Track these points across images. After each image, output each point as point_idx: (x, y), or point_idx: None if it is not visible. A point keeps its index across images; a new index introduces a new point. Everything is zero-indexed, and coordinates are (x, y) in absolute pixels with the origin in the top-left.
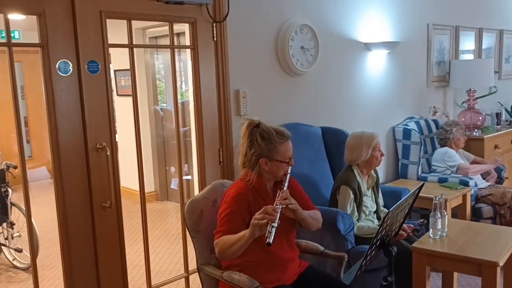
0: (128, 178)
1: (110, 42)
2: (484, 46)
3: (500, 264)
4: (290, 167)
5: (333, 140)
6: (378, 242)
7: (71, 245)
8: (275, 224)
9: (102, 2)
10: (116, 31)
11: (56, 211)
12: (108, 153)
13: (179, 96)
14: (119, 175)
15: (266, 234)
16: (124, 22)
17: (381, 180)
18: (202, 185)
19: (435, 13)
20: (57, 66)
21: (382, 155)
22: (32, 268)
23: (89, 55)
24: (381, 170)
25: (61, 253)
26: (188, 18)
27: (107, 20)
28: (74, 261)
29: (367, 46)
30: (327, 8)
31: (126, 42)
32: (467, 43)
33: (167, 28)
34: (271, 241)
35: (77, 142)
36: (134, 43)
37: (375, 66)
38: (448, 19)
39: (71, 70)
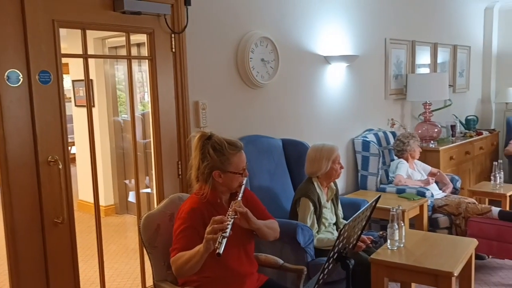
0: (88, 192)
1: (71, 52)
2: (439, 61)
3: (455, 274)
4: (245, 178)
5: (294, 152)
6: (336, 255)
7: (20, 263)
8: (226, 234)
9: (55, 10)
10: (76, 41)
11: (4, 228)
12: (61, 167)
13: (141, 107)
14: (71, 189)
15: (216, 245)
16: (91, 31)
17: (341, 191)
18: (160, 199)
19: (392, 28)
20: (5, 76)
21: (341, 167)
22: None
23: (40, 65)
24: (342, 181)
25: (9, 272)
26: (145, 28)
27: (66, 29)
28: (23, 280)
29: (327, 59)
30: (287, 21)
31: (91, 51)
32: (423, 57)
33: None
34: (221, 252)
35: (27, 155)
36: (93, 53)
37: (335, 79)
38: (405, 34)
39: (21, 81)
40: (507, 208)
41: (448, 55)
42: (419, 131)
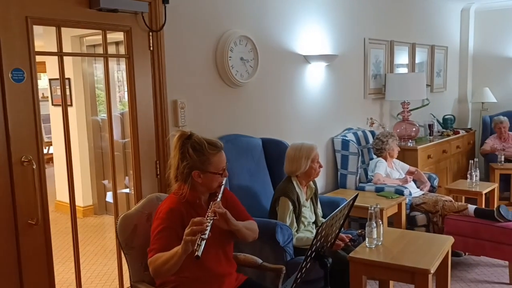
0: (65, 192)
1: (48, 49)
2: (417, 61)
3: (432, 272)
4: (224, 178)
5: (273, 152)
6: (313, 254)
7: None
8: (205, 236)
9: (28, 7)
10: (53, 38)
11: None
12: (34, 167)
13: (120, 106)
14: (46, 190)
15: (195, 247)
16: (64, 29)
17: (321, 190)
18: (138, 199)
19: (371, 28)
20: None
21: (320, 166)
22: None
23: (13, 63)
24: (321, 180)
25: None
26: (122, 26)
27: (43, 27)
28: None
29: (306, 59)
30: (267, 20)
31: (69, 49)
32: (401, 57)
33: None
34: (200, 254)
35: None
36: (71, 51)
37: (314, 78)
38: (384, 34)
39: None
40: (483, 206)
41: (425, 55)
42: (398, 130)
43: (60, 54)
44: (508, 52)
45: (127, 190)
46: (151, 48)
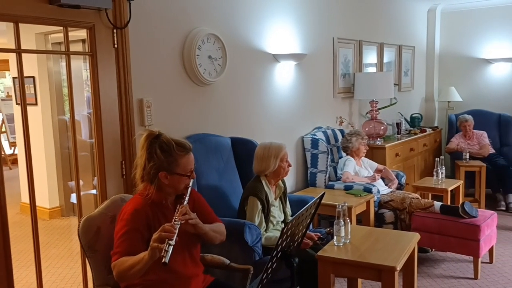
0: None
1: (11, 47)
2: (385, 60)
3: (398, 269)
4: (192, 180)
5: (243, 151)
6: (280, 254)
7: None
8: (173, 242)
9: None
10: (24, 36)
11: None
12: None
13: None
14: (4, 192)
15: (162, 253)
16: (29, 26)
17: (291, 188)
18: (103, 200)
19: (340, 27)
20: None
21: (289, 165)
22: None
23: None
24: (291, 179)
25: None
26: (85, 23)
27: (6, 23)
28: None
29: (276, 57)
30: (235, 18)
31: (33, 47)
32: (370, 57)
33: (72, 33)
34: (167, 261)
35: None
36: (35, 48)
37: (284, 77)
38: (352, 34)
39: None
40: (449, 203)
41: (393, 55)
42: (366, 129)
43: (19, 51)
44: (473, 52)
45: (94, 191)
46: (116, 46)
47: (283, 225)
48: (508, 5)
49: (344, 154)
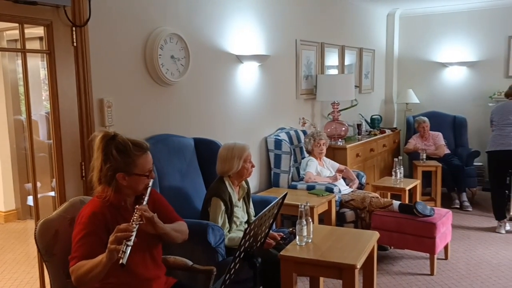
0: None
1: None
2: (346, 63)
3: (358, 267)
4: (151, 180)
5: (206, 152)
6: (242, 254)
7: None
8: (130, 243)
9: None
10: None
11: None
12: None
13: (48, 105)
14: None
15: (120, 254)
16: None
17: (254, 189)
18: (61, 202)
19: (303, 29)
20: None
21: (253, 166)
22: None
23: None
24: (255, 179)
25: None
26: (42, 20)
27: None
28: None
29: (239, 58)
30: (198, 19)
31: None
32: (332, 59)
33: (30, 31)
34: (124, 262)
35: None
36: None
37: (247, 78)
38: (314, 36)
39: None
40: (407, 201)
41: (354, 58)
42: (328, 130)
43: None
44: (430, 56)
45: (53, 193)
46: (75, 44)
47: (246, 226)
48: (463, 11)
49: (306, 154)
